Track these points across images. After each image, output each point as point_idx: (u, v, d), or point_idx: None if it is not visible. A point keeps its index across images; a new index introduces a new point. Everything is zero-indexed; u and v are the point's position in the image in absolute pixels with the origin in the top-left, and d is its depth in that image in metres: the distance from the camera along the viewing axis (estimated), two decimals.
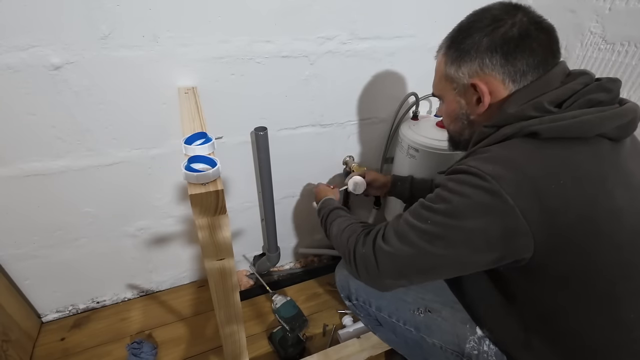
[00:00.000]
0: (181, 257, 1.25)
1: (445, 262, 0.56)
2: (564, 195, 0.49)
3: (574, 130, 0.50)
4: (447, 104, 0.67)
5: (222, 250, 0.58)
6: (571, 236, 0.50)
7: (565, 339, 0.58)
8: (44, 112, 0.81)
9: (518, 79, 0.56)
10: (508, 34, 0.55)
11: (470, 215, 0.51)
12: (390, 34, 1.02)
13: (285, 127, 1.08)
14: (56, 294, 1.14)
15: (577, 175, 0.50)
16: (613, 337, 0.55)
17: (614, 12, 0.88)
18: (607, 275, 0.52)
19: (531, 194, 0.49)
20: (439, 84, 0.66)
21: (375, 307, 0.81)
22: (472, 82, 0.59)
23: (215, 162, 0.54)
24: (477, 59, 0.57)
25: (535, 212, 0.49)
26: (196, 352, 1.10)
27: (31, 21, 0.71)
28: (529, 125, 0.52)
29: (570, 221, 0.49)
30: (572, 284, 0.54)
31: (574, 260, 0.52)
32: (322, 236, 1.46)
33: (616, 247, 0.51)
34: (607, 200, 0.50)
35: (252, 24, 0.86)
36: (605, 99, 0.52)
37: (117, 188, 0.99)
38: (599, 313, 0.54)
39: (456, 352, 0.72)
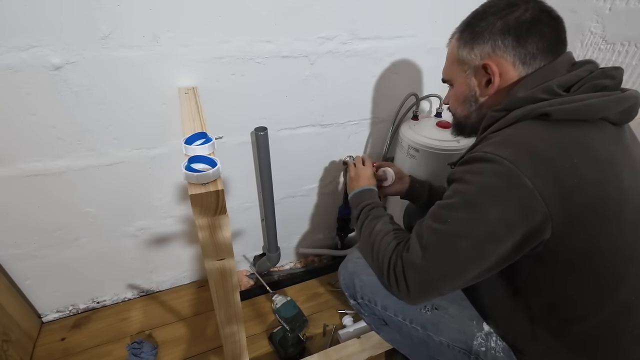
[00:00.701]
0: (181, 257, 1.25)
1: (471, 263, 0.55)
2: (578, 175, 0.49)
3: (583, 112, 0.52)
4: (457, 87, 0.68)
5: (222, 250, 0.58)
6: (583, 218, 0.50)
7: (570, 327, 0.59)
8: (44, 112, 0.81)
9: (528, 61, 0.58)
10: (521, 17, 0.57)
11: (490, 204, 0.51)
12: (391, 34, 1.02)
13: (285, 127, 1.08)
14: (56, 294, 1.14)
15: (588, 156, 0.51)
16: (616, 322, 0.56)
17: (614, 12, 0.88)
18: (612, 257, 0.53)
19: (549, 176, 0.49)
20: (450, 68, 0.68)
21: (380, 306, 0.79)
22: (484, 62, 0.61)
23: (216, 162, 0.54)
24: (490, 40, 0.59)
25: (554, 194, 0.49)
26: (196, 352, 1.10)
27: (31, 21, 0.71)
28: (539, 107, 0.53)
29: (583, 202, 0.50)
30: (579, 267, 0.54)
31: (584, 242, 0.52)
32: (322, 236, 1.46)
33: (621, 229, 0.52)
34: (615, 182, 0.51)
35: (252, 24, 0.86)
36: (609, 84, 0.55)
37: (117, 188, 0.99)
38: (603, 297, 0.55)
39: (464, 350, 0.71)
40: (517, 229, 0.51)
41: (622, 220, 0.52)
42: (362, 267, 0.80)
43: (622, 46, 0.88)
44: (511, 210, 0.50)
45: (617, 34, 0.89)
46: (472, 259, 0.54)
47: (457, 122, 0.73)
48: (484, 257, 0.54)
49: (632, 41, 0.86)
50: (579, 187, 0.49)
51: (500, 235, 0.52)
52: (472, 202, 0.53)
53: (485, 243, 0.53)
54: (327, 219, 1.41)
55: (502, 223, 0.51)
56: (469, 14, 0.64)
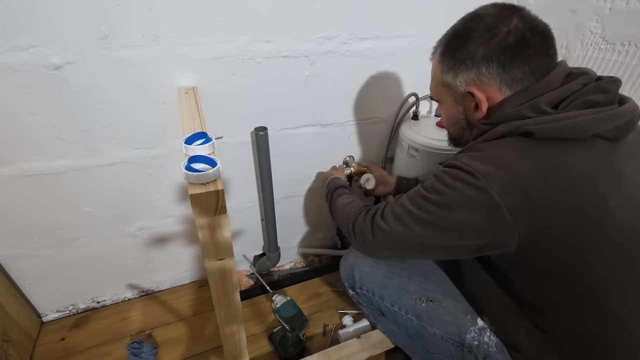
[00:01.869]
0: (181, 257, 1.25)
1: (435, 245, 0.61)
2: (552, 194, 0.51)
3: (567, 131, 0.51)
4: (446, 109, 0.68)
5: (222, 250, 0.58)
6: (557, 233, 0.52)
7: (558, 331, 0.60)
8: (44, 112, 0.81)
9: (515, 85, 0.57)
10: (503, 43, 0.55)
11: (459, 208, 0.55)
12: (390, 34, 1.02)
13: (285, 127, 1.08)
14: (56, 293, 1.14)
15: (568, 176, 0.51)
16: (606, 332, 0.56)
17: (614, 12, 0.88)
18: (596, 271, 0.54)
19: (518, 192, 0.51)
20: (436, 89, 0.67)
21: (378, 296, 0.82)
22: (468, 90, 0.60)
23: (216, 162, 0.54)
24: (474, 68, 0.58)
25: (521, 209, 0.51)
26: (196, 352, 1.10)
27: (31, 21, 0.71)
28: (523, 125, 0.53)
29: (557, 219, 0.51)
30: (558, 278, 0.56)
31: (560, 256, 0.54)
32: (322, 235, 1.46)
33: (604, 244, 0.52)
34: (597, 201, 0.51)
35: (252, 24, 0.86)
36: (602, 99, 0.53)
37: (117, 188, 0.99)
38: (589, 307, 0.56)
39: (457, 342, 0.73)
40: (481, 236, 0.56)
41: (604, 237, 0.52)
42: (361, 259, 0.85)
43: (622, 46, 0.88)
44: (478, 217, 0.54)
45: (617, 34, 0.89)
46: (436, 240, 0.60)
47: (452, 138, 0.74)
48: (447, 242, 0.59)
49: (632, 41, 0.86)
50: (553, 206, 0.51)
51: (464, 233, 0.57)
52: (444, 202, 0.57)
53: (449, 234, 0.58)
54: (327, 219, 1.41)
55: (468, 225, 0.56)
56: (448, 30, 0.63)
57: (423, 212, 0.59)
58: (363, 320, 1.18)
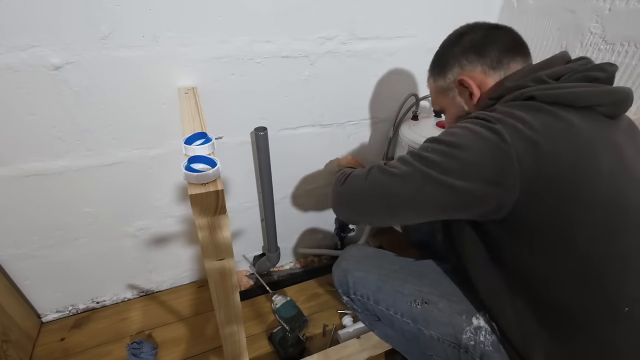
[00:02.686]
0: (181, 257, 1.25)
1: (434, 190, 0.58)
2: (555, 145, 0.53)
3: (567, 98, 0.56)
4: (449, 111, 0.75)
5: (222, 250, 0.58)
6: (553, 189, 0.54)
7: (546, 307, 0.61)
8: (44, 112, 0.81)
9: (496, 65, 0.65)
10: (474, 38, 0.67)
11: (471, 145, 0.56)
12: (390, 34, 1.02)
13: (285, 127, 1.08)
14: (56, 294, 1.14)
15: (568, 131, 0.54)
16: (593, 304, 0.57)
17: (614, 13, 0.88)
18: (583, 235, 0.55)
19: (528, 140, 0.53)
20: (436, 99, 0.76)
21: (373, 301, 0.82)
22: (459, 79, 0.68)
23: (215, 162, 0.54)
24: (456, 63, 0.68)
25: (528, 158, 0.53)
26: (196, 352, 1.10)
27: (31, 21, 0.71)
28: (527, 92, 0.58)
29: (558, 170, 0.53)
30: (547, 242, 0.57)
31: (553, 214, 0.55)
32: (322, 236, 1.46)
33: (593, 204, 0.54)
34: (591, 159, 0.54)
35: (252, 24, 0.86)
36: (601, 76, 0.58)
37: (117, 188, 0.99)
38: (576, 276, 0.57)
39: (453, 344, 0.73)
40: (486, 177, 0.54)
41: (593, 197, 0.54)
42: (354, 264, 0.85)
43: (622, 46, 0.88)
44: (488, 158, 0.54)
45: (616, 34, 0.89)
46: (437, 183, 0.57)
47: None
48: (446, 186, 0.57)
49: (632, 41, 0.86)
50: (555, 157, 0.53)
51: (469, 174, 0.55)
52: (457, 140, 0.57)
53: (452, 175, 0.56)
54: (326, 219, 1.41)
55: (475, 165, 0.55)
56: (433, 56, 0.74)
57: (430, 153, 0.59)
58: None
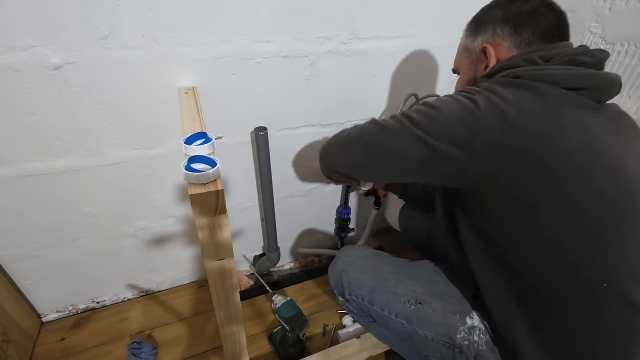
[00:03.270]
0: (181, 257, 1.25)
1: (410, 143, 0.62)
2: (524, 120, 0.56)
3: (548, 78, 0.58)
4: (463, 73, 0.78)
5: (222, 250, 0.58)
6: (520, 161, 0.56)
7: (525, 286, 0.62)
8: (44, 112, 0.81)
9: (522, 47, 0.66)
10: (520, 8, 0.66)
11: (447, 110, 0.61)
12: (390, 33, 1.02)
13: (285, 127, 1.08)
14: (56, 294, 1.14)
15: (541, 108, 0.56)
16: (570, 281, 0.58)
17: (614, 12, 0.88)
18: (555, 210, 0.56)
19: (498, 109, 0.57)
20: (459, 56, 0.78)
21: (367, 301, 0.82)
22: (483, 46, 0.70)
23: (215, 162, 0.54)
24: (491, 28, 0.69)
25: (497, 127, 0.56)
26: (196, 352, 1.10)
27: (31, 21, 0.71)
28: (514, 72, 0.62)
29: (523, 145, 0.55)
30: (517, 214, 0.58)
31: (518, 187, 0.57)
32: (322, 236, 1.46)
33: (558, 182, 0.55)
34: (560, 137, 0.55)
35: (252, 24, 0.86)
36: (588, 60, 0.60)
37: (117, 188, 0.99)
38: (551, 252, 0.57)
39: (447, 344, 0.73)
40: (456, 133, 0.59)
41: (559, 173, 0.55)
42: (349, 265, 0.85)
43: (622, 46, 0.88)
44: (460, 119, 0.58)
45: (616, 34, 0.89)
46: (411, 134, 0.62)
47: None
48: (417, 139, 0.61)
49: (632, 41, 0.86)
50: (523, 130, 0.55)
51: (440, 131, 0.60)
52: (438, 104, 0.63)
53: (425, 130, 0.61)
54: (326, 219, 1.41)
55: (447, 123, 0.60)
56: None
57: (414, 112, 0.64)
58: None
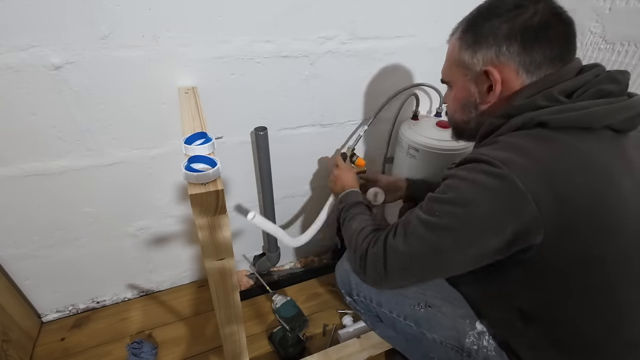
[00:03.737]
0: (181, 257, 1.25)
1: (456, 255, 0.55)
2: (573, 183, 0.49)
3: (583, 121, 0.51)
4: (457, 91, 0.65)
5: (222, 250, 0.58)
6: (577, 225, 0.50)
7: (562, 331, 0.58)
8: (44, 112, 0.81)
9: (532, 70, 0.56)
10: (529, 22, 0.54)
11: (480, 201, 0.51)
12: (390, 33, 1.02)
13: (285, 127, 1.08)
14: (56, 294, 1.14)
15: (585, 164, 0.50)
16: (609, 329, 0.56)
17: (614, 12, 0.88)
18: (607, 264, 0.53)
19: (542, 180, 0.49)
20: (450, 69, 0.65)
21: (375, 303, 0.81)
22: (485, 68, 0.58)
23: (215, 162, 0.54)
24: (494, 45, 0.56)
25: (546, 199, 0.48)
26: (196, 352, 1.10)
27: (31, 21, 0.71)
28: (537, 116, 0.52)
29: (578, 210, 0.49)
30: (571, 276, 0.54)
31: (577, 250, 0.51)
32: (322, 236, 1.46)
33: (617, 238, 0.51)
34: (613, 191, 0.50)
35: (252, 24, 0.86)
36: (615, 89, 0.53)
37: (117, 188, 0.99)
38: (595, 305, 0.55)
39: (456, 347, 0.72)
40: (505, 227, 0.51)
41: (618, 230, 0.51)
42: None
43: (622, 46, 0.88)
44: (501, 209, 0.50)
45: (616, 33, 0.89)
46: (455, 250, 0.54)
47: (455, 126, 0.71)
48: (467, 251, 0.54)
49: (632, 41, 0.86)
50: (574, 195, 0.49)
51: (487, 233, 0.52)
52: (461, 199, 0.53)
53: (471, 238, 0.53)
54: (326, 219, 1.41)
55: (491, 221, 0.51)
56: (472, 10, 0.61)
57: (437, 218, 0.55)
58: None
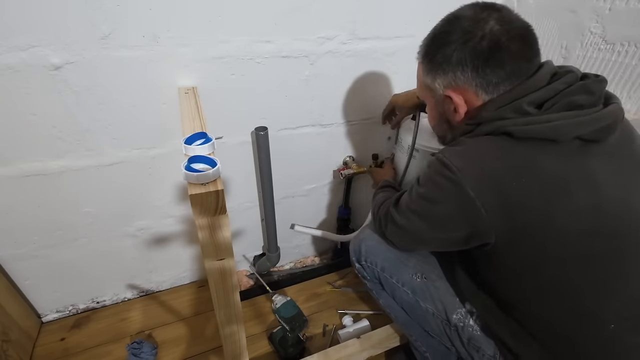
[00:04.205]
0: (181, 257, 1.25)
1: (428, 237, 0.66)
2: (524, 193, 0.53)
3: (547, 134, 0.53)
4: (429, 110, 0.73)
5: (222, 250, 0.58)
6: (529, 231, 0.55)
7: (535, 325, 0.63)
8: (44, 112, 0.81)
9: (490, 89, 0.58)
10: (477, 48, 0.56)
11: (439, 201, 0.60)
12: (390, 34, 1.02)
13: (285, 127, 1.08)
14: (56, 294, 1.14)
15: (541, 177, 0.53)
16: (579, 325, 0.58)
17: (614, 12, 0.88)
18: (564, 269, 0.56)
19: (491, 189, 0.54)
20: (421, 90, 0.71)
21: (380, 267, 0.87)
22: (446, 94, 0.63)
23: (215, 162, 0.54)
24: (450, 72, 0.60)
25: (494, 205, 0.54)
26: (196, 352, 1.10)
27: (31, 21, 0.71)
28: (504, 126, 0.55)
29: (528, 217, 0.54)
30: (526, 275, 0.59)
31: (530, 253, 0.56)
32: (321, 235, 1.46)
33: (571, 243, 0.54)
34: (567, 201, 0.53)
35: (252, 24, 0.86)
36: (585, 102, 0.54)
37: (117, 188, 0.99)
38: (559, 303, 0.58)
39: (445, 320, 0.78)
40: (460, 227, 0.59)
41: (573, 236, 0.54)
42: (370, 235, 0.89)
43: (622, 46, 0.88)
44: (455, 210, 0.59)
45: (617, 34, 0.89)
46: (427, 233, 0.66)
47: (438, 137, 0.77)
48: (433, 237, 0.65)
49: (632, 41, 0.86)
50: (524, 204, 0.53)
51: (446, 225, 0.61)
52: (428, 196, 0.62)
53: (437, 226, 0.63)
54: (327, 219, 1.41)
55: (448, 217, 0.60)
56: (429, 34, 0.64)
57: (416, 205, 0.65)
58: (363, 320, 1.18)
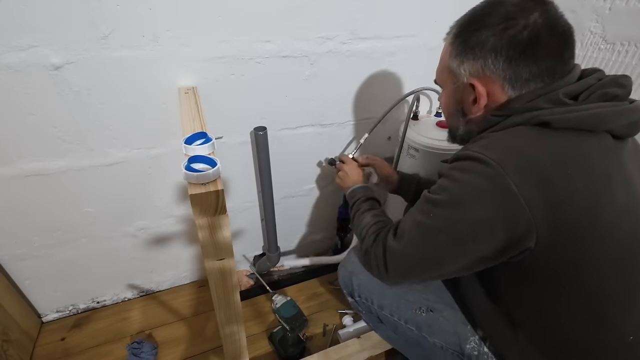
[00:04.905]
0: (181, 257, 1.25)
1: (450, 257, 0.55)
2: (570, 186, 0.47)
3: (587, 122, 0.50)
4: (446, 97, 0.65)
5: (222, 250, 0.58)
6: (570, 230, 0.49)
7: (551, 336, 0.58)
8: (44, 112, 0.81)
9: (518, 85, 0.54)
10: (517, 37, 0.52)
11: (471, 204, 0.51)
12: (390, 33, 1.02)
13: (285, 127, 1.08)
14: (56, 293, 1.14)
15: (585, 167, 0.49)
16: (600, 336, 0.55)
17: (614, 12, 0.88)
18: (599, 272, 0.52)
19: (536, 182, 0.47)
20: (442, 73, 0.64)
21: (377, 305, 0.81)
22: (470, 81, 0.57)
23: (215, 162, 0.54)
24: (480, 58, 0.55)
25: (539, 202, 0.47)
26: (196, 352, 1.10)
27: (31, 21, 0.71)
28: (540, 115, 0.51)
29: (572, 215, 0.48)
30: (562, 280, 0.53)
31: (569, 255, 0.51)
32: (322, 236, 1.46)
33: (610, 245, 0.51)
34: (609, 198, 0.49)
35: (252, 24, 0.86)
36: (620, 93, 0.52)
37: (117, 188, 0.99)
38: (586, 311, 0.55)
39: (457, 352, 0.72)
40: (498, 232, 0.50)
41: (611, 237, 0.50)
42: (360, 266, 0.81)
43: (622, 46, 0.88)
44: (493, 213, 0.49)
45: (617, 33, 0.89)
46: (449, 254, 0.55)
47: (449, 129, 0.71)
48: (462, 254, 0.54)
49: (632, 41, 0.86)
50: (569, 200, 0.48)
51: (480, 236, 0.51)
52: (455, 200, 0.53)
53: (463, 241, 0.53)
54: (327, 219, 1.41)
55: (482, 224, 0.51)
56: (466, 13, 0.59)
57: (432, 220, 0.55)
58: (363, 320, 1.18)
